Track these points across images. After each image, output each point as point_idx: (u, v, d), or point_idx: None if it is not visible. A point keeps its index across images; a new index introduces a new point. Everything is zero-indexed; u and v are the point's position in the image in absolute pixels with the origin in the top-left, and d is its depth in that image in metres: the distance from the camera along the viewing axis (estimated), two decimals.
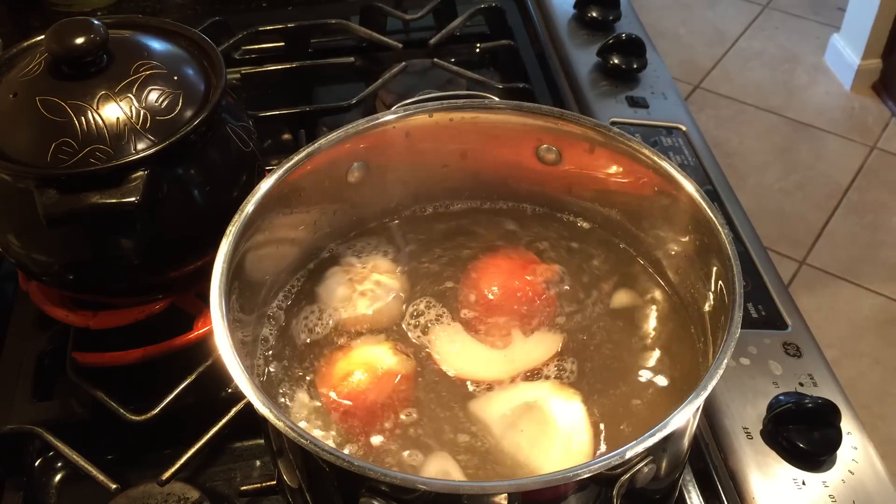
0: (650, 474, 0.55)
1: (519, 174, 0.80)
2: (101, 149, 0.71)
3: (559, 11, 1.24)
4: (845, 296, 2.28)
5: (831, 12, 3.13)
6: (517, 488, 0.51)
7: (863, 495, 0.71)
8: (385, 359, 0.70)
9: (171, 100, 0.75)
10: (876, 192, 2.55)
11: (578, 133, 0.74)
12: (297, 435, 0.53)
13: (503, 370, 0.70)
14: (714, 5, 3.25)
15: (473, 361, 0.71)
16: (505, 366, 0.70)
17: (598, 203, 0.79)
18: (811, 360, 0.80)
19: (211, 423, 0.76)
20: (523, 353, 0.71)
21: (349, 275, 0.76)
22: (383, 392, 0.67)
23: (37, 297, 0.84)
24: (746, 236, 0.91)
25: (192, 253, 0.79)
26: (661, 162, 0.70)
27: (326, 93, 1.25)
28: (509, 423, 0.66)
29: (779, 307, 0.84)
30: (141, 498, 0.73)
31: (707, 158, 1.01)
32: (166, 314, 0.83)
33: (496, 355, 0.71)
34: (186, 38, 0.82)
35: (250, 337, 0.70)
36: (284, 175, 0.70)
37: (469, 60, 1.26)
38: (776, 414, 0.73)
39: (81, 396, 0.81)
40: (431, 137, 0.77)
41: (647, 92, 1.10)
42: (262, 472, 0.79)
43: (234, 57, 1.23)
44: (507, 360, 0.71)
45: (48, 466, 0.79)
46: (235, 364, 0.56)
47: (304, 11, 1.28)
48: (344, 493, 0.58)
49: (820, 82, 2.92)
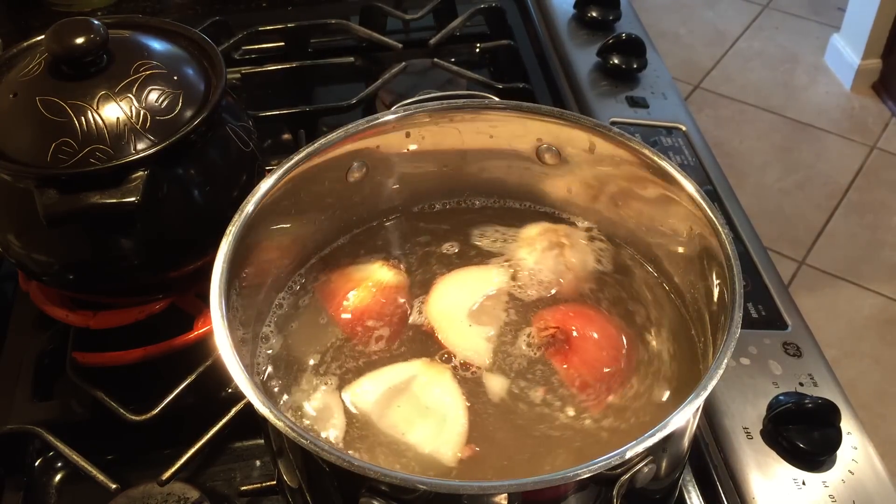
0: (650, 474, 0.55)
1: (519, 174, 0.80)
2: (101, 149, 0.71)
3: (559, 11, 1.24)
4: (845, 296, 2.28)
5: (831, 12, 3.13)
6: (517, 488, 0.51)
7: (863, 495, 0.71)
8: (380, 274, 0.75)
9: (171, 100, 0.75)
10: (876, 192, 2.55)
11: (578, 133, 0.74)
12: (297, 435, 0.53)
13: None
14: (714, 5, 3.25)
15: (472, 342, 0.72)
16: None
17: (599, 203, 0.79)
18: (811, 360, 0.80)
19: (211, 423, 0.76)
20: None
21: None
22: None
23: (37, 297, 0.84)
24: (746, 236, 0.91)
25: (192, 253, 0.79)
26: (661, 162, 0.70)
27: (326, 93, 1.25)
28: (386, 402, 0.67)
29: (779, 307, 0.84)
30: (141, 498, 0.73)
31: (707, 158, 1.01)
32: (166, 314, 0.83)
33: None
34: (186, 38, 0.82)
35: (250, 336, 0.70)
36: (284, 175, 0.69)
37: (469, 60, 1.26)
38: (776, 414, 0.73)
39: (81, 396, 0.81)
40: (431, 137, 0.77)
41: (647, 92, 1.10)
42: (262, 472, 0.79)
43: (234, 57, 1.23)
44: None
45: (48, 466, 0.79)
46: (235, 364, 0.56)
47: (304, 11, 1.28)
48: (344, 493, 0.58)
49: (820, 82, 2.92)
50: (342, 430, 0.66)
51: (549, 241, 0.77)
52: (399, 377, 0.68)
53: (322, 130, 1.11)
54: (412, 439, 0.64)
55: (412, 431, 0.65)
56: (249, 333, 0.70)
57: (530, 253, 0.77)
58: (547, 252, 0.77)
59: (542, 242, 0.77)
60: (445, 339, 0.71)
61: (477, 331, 0.72)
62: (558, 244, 0.77)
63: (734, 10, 3.23)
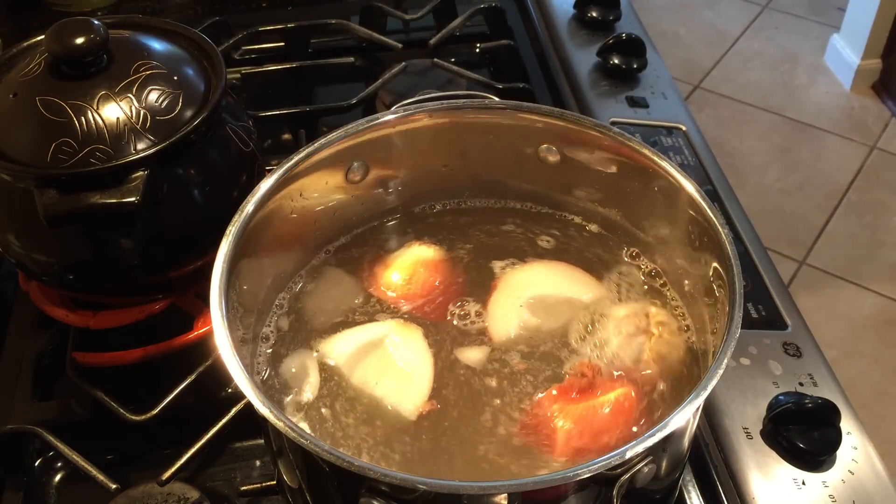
0: (650, 474, 0.55)
1: (519, 174, 0.80)
2: (101, 149, 0.71)
3: (559, 11, 1.24)
4: (845, 296, 2.28)
5: (831, 12, 3.13)
6: (517, 488, 0.51)
7: (863, 495, 0.71)
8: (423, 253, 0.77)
9: (171, 100, 0.75)
10: (876, 192, 2.55)
11: (578, 133, 0.74)
12: (297, 435, 0.53)
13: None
14: (714, 5, 3.25)
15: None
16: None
17: (598, 203, 0.79)
18: (811, 360, 0.80)
19: (211, 423, 0.76)
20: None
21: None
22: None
23: (37, 297, 0.84)
24: (746, 236, 0.91)
25: (192, 253, 0.79)
26: (661, 162, 0.70)
27: (326, 93, 1.25)
28: (358, 358, 0.70)
29: (779, 307, 0.84)
30: (141, 498, 0.73)
31: (707, 158, 1.01)
32: (166, 314, 0.83)
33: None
34: (186, 38, 0.82)
35: (250, 336, 0.70)
36: (284, 175, 0.70)
37: (469, 60, 1.26)
38: (776, 414, 0.73)
39: (81, 396, 0.81)
40: (431, 137, 0.77)
41: (647, 92, 1.10)
42: (262, 472, 0.79)
43: (234, 57, 1.23)
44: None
45: (48, 466, 0.79)
46: (235, 364, 0.56)
47: (304, 11, 1.28)
48: (344, 493, 0.58)
49: (820, 82, 2.92)
50: (316, 388, 0.69)
51: (636, 327, 0.72)
52: (372, 335, 0.71)
53: (322, 130, 1.11)
54: (379, 392, 0.67)
55: (380, 385, 0.68)
56: (249, 333, 0.70)
57: (616, 332, 0.72)
58: (632, 338, 0.72)
59: (629, 327, 0.72)
60: (493, 304, 0.73)
61: (520, 313, 0.72)
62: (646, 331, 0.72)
63: (734, 10, 3.23)
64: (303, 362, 0.70)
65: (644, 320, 0.72)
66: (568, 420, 0.65)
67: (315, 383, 0.68)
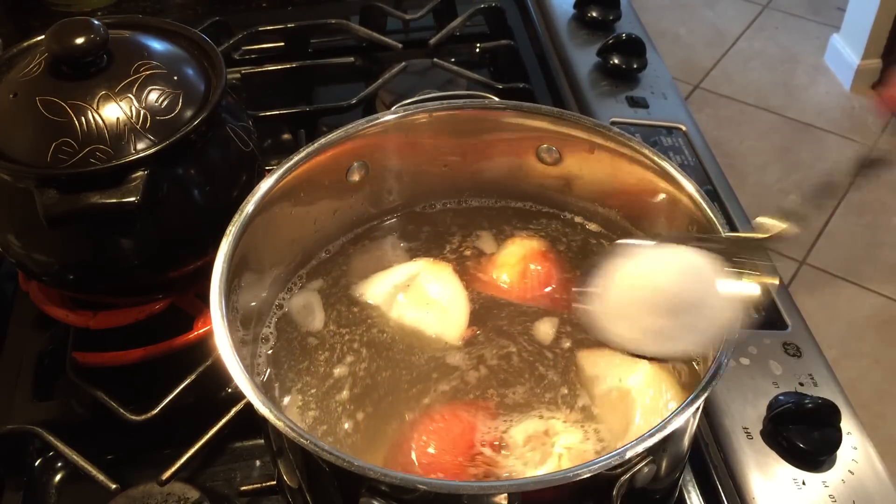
0: (650, 474, 0.55)
1: (519, 174, 0.80)
2: (101, 149, 0.71)
3: (559, 11, 1.24)
4: (845, 296, 2.28)
5: (831, 12, 3.13)
6: (517, 488, 0.51)
7: (863, 495, 0.71)
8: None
9: (171, 100, 0.75)
10: (876, 192, 2.55)
11: (578, 133, 0.74)
12: (297, 435, 0.53)
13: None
14: (714, 5, 3.25)
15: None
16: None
17: (598, 203, 0.79)
18: (811, 360, 0.80)
19: (211, 423, 0.76)
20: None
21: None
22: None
23: (37, 297, 0.84)
24: None
25: (192, 253, 0.79)
26: (661, 162, 0.70)
27: (326, 93, 1.25)
28: (393, 296, 0.74)
29: (779, 307, 0.84)
30: (141, 498, 0.73)
31: (707, 158, 1.01)
32: (166, 314, 0.83)
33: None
34: (186, 38, 0.82)
35: (250, 337, 0.70)
36: (284, 175, 0.70)
37: (469, 60, 1.26)
38: (776, 414, 0.73)
39: (81, 396, 0.81)
40: (431, 137, 0.77)
41: (647, 92, 1.10)
42: (262, 472, 0.79)
43: (234, 57, 1.23)
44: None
45: (48, 466, 0.79)
46: (235, 364, 0.56)
47: (304, 11, 1.28)
48: (344, 493, 0.58)
49: (820, 82, 2.92)
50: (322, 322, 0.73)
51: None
52: (405, 275, 0.75)
53: (322, 130, 1.11)
54: (420, 325, 0.72)
55: (419, 319, 0.73)
56: (249, 334, 0.70)
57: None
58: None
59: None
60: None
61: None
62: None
63: (734, 10, 3.23)
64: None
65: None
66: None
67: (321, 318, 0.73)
